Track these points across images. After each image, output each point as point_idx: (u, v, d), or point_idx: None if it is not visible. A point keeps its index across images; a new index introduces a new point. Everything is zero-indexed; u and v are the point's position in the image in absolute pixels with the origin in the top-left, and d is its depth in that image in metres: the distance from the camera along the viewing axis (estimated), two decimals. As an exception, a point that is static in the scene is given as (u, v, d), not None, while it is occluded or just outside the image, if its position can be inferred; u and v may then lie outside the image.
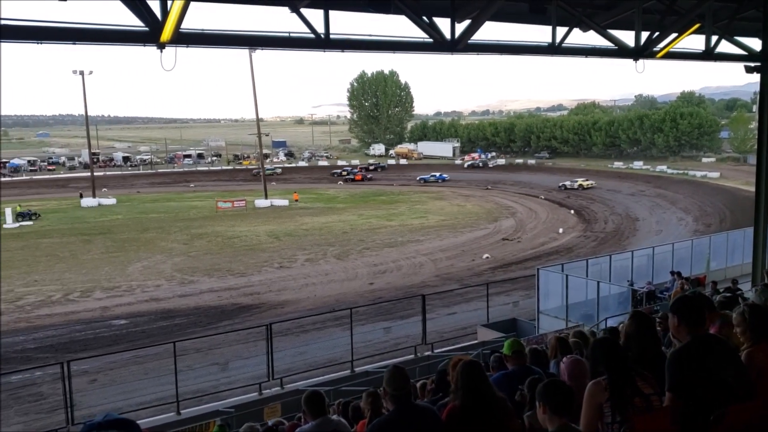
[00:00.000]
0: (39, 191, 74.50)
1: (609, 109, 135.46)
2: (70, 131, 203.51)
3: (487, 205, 59.54)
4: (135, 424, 1.68)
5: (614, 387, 3.52)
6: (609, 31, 12.20)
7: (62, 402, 13.79)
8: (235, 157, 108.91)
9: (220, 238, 44.88)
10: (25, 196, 68.32)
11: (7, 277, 33.70)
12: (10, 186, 79.65)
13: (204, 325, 25.54)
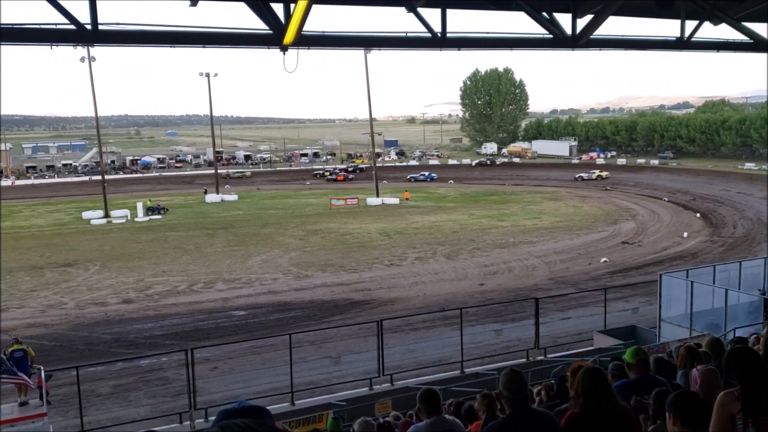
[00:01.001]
0: (167, 187, 79.39)
1: (740, 107, 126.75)
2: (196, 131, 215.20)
3: (606, 207, 57.39)
4: (268, 412, 1.73)
5: (748, 397, 3.30)
6: (743, 23, 11.42)
7: (186, 387, 14.61)
8: (349, 156, 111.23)
9: (333, 234, 45.96)
10: (154, 191, 72.99)
11: (138, 268, 36.15)
12: (141, 182, 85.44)
13: (317, 319, 26.24)
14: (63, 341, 23.78)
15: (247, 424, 1.38)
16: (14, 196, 74.53)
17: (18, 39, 7.28)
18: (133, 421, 15.65)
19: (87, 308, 28.43)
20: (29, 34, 7.31)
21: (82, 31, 7.40)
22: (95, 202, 61.43)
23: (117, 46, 8.38)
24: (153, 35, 8.13)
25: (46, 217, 58.74)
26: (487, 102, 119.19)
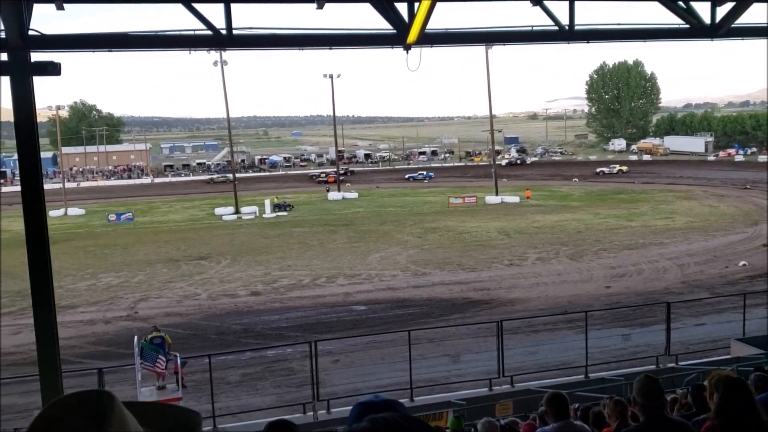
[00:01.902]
0: (293, 185, 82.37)
1: None
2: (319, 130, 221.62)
3: (745, 207, 53.43)
4: (403, 406, 1.73)
5: None
6: None
7: (309, 378, 15.07)
8: (467, 154, 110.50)
9: (451, 232, 45.83)
10: (281, 189, 75.90)
11: (266, 262, 37.75)
12: (269, 180, 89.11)
13: (436, 317, 26.25)
14: (196, 330, 25.25)
15: (396, 419, 1.36)
16: (153, 193, 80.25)
17: (160, 45, 7.79)
18: (259, 409, 16.35)
19: (218, 299, 30.02)
20: (171, 40, 7.79)
21: (218, 36, 7.80)
22: (227, 199, 64.80)
23: (250, 49, 8.79)
24: (283, 38, 8.43)
25: (182, 213, 62.67)
26: (615, 96, 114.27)
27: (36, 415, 1.06)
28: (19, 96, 7.16)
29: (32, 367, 20.50)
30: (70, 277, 33.51)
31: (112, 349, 22.97)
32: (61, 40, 7.18)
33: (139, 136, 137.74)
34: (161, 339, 14.96)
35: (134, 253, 41.59)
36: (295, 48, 8.55)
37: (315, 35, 8.51)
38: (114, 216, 56.16)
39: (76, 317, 26.64)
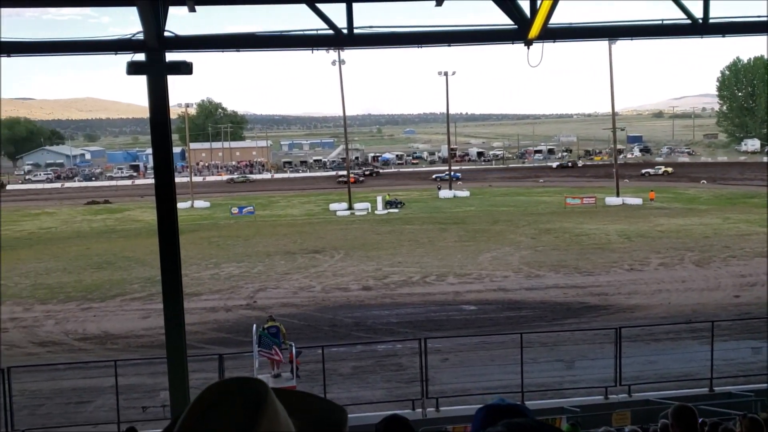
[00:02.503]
0: (404, 182, 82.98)
1: None
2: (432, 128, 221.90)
3: None
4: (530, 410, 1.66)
5: None
6: None
7: (418, 375, 15.12)
8: (586, 153, 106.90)
9: (567, 234, 44.48)
10: (393, 186, 76.67)
11: (377, 257, 38.23)
12: (381, 177, 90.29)
13: (549, 320, 25.56)
14: (310, 321, 25.97)
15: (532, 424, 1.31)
16: (273, 187, 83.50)
17: (285, 45, 8.04)
18: (369, 402, 16.58)
19: (332, 292, 30.73)
20: (295, 40, 8.03)
21: (339, 35, 7.95)
22: (341, 195, 66.28)
23: (370, 48, 8.90)
24: (403, 36, 8.47)
25: (299, 208, 64.73)
26: (749, 93, 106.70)
27: (195, 397, 1.09)
28: (154, 94, 7.63)
29: (159, 349, 21.83)
30: (195, 266, 35.39)
31: (231, 336, 24.04)
32: (194, 40, 7.58)
33: (261, 133, 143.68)
34: (276, 329, 15.49)
35: (254, 245, 43.36)
36: (414, 46, 8.55)
37: (434, 32, 8.49)
38: (236, 209, 58.91)
39: (200, 304, 28.09)
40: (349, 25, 7.86)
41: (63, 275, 36.09)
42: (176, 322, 8.15)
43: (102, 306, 29.38)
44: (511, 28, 8.41)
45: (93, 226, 55.65)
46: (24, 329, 26.17)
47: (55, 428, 16.15)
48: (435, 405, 14.27)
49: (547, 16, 8.17)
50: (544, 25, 8.30)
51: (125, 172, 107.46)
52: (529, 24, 8.26)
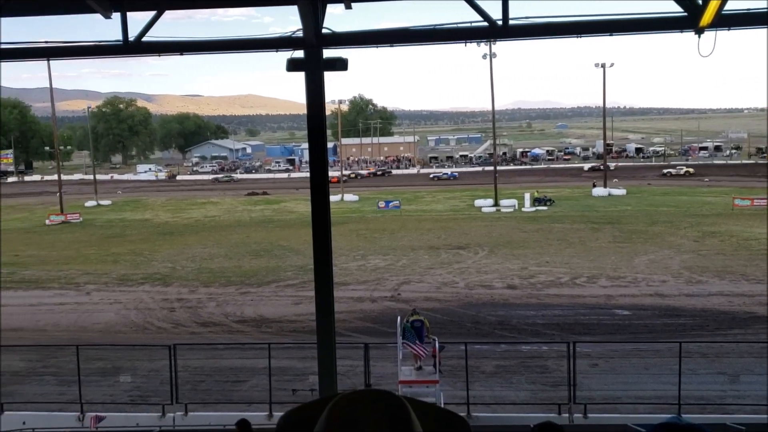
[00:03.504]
0: (554, 179, 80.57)
1: None
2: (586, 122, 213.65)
3: None
4: None
5: None
6: None
7: (565, 379, 14.59)
8: (758, 151, 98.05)
9: (734, 238, 41.05)
10: (542, 183, 74.70)
11: (523, 256, 37.42)
12: (530, 173, 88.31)
13: (711, 330, 23.71)
14: (453, 317, 25.92)
15: None
16: (419, 183, 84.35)
17: (439, 39, 8.00)
18: (513, 403, 16.27)
19: (475, 289, 30.50)
20: (449, 33, 7.97)
21: (493, 27, 7.79)
22: (487, 191, 65.59)
23: (525, 39, 8.64)
24: (560, 26, 8.14)
25: (444, 203, 64.87)
26: None
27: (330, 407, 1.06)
28: (311, 90, 7.89)
29: (309, 335, 22.77)
30: (343, 256, 36.55)
31: (377, 327, 24.57)
32: (350, 37, 7.75)
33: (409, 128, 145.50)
34: (421, 322, 15.57)
35: (399, 239, 44.04)
36: (572, 36, 8.19)
37: (595, 22, 8.08)
38: (383, 203, 60.14)
39: (347, 294, 28.96)
40: (504, 16, 7.68)
41: (224, 261, 38.67)
42: (326, 310, 8.41)
43: (258, 291, 31.15)
44: (680, 15, 7.82)
45: (252, 216, 59.15)
46: (189, 309, 28.34)
47: (214, 404, 17.29)
48: (583, 411, 13.71)
49: (723, 2, 7.51)
50: (719, 11, 7.64)
51: (282, 166, 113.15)
52: (701, 10, 7.63)
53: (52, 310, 28.93)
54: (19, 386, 19.55)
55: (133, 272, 36.16)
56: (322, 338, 8.46)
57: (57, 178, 69.09)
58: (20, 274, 36.49)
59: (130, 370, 19.37)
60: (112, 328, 26.11)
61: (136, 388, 18.71)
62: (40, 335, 25.05)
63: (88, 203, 69.84)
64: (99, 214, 63.31)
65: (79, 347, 18.13)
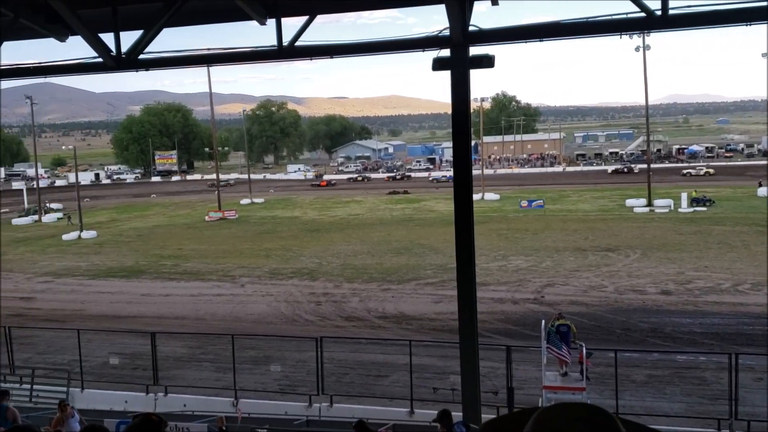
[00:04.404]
0: (714, 178, 75.06)
1: None
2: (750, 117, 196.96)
3: None
4: None
5: None
6: None
7: (725, 393, 13.52)
8: None
9: None
10: (699, 182, 69.75)
11: (678, 260, 35.11)
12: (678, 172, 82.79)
13: None
14: (601, 322, 24.83)
15: None
16: (564, 181, 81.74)
17: (592, 32, 7.65)
18: (666, 415, 15.31)
19: (625, 294, 29.03)
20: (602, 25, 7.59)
21: (651, 17, 7.33)
22: (638, 191, 62.24)
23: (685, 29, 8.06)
24: (726, 14, 7.51)
25: (591, 203, 62.36)
26: None
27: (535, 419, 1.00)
28: (457, 89, 7.84)
29: (449, 334, 22.76)
30: (484, 256, 36.14)
31: (518, 329, 24.09)
32: (498, 33, 7.60)
33: (554, 125, 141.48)
34: (567, 327, 15.02)
35: (543, 239, 42.89)
36: (740, 24, 7.51)
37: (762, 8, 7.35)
38: (525, 202, 58.86)
39: (487, 294, 28.61)
40: (663, 5, 7.19)
41: (367, 258, 39.61)
42: (469, 311, 8.33)
43: (399, 288, 31.60)
44: None
45: (393, 215, 60.15)
46: (334, 304, 29.30)
47: (357, 397, 17.74)
48: (746, 428, 12.62)
49: None
50: None
51: (422, 165, 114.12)
52: None
53: (211, 300, 31.04)
54: (181, 371, 21.16)
55: (283, 267, 37.97)
56: (465, 339, 8.38)
57: (215, 177, 74.04)
58: (183, 266, 39.49)
59: (280, 360, 20.33)
60: (264, 319, 27.57)
61: (285, 378, 19.62)
62: (199, 324, 26.96)
63: (243, 201, 74.25)
64: (253, 212, 67.11)
65: (234, 336, 19.35)
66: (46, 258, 44.96)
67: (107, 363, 20.58)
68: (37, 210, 68.31)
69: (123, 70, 8.71)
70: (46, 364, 21.64)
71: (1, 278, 34.56)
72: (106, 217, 66.05)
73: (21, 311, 30.41)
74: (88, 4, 8.56)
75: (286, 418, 16.07)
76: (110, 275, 37.91)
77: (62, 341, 23.50)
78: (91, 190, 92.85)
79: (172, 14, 8.05)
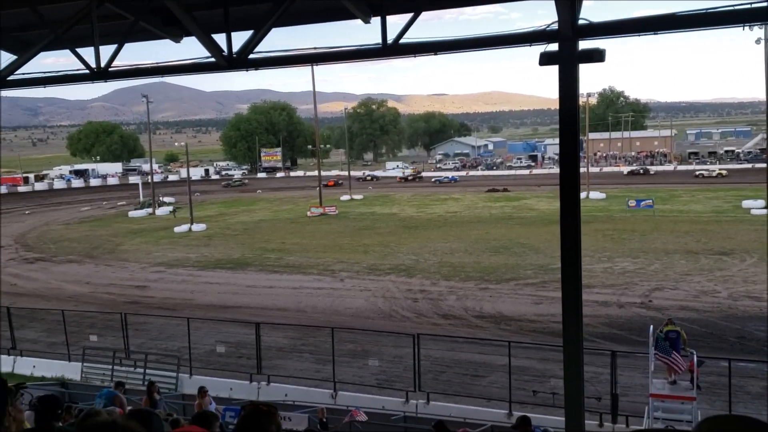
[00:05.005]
0: None
1: None
2: None
3: None
4: None
5: None
6: None
7: None
8: None
9: None
10: None
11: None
12: None
13: None
14: (713, 329, 23.51)
15: None
16: (675, 180, 78.00)
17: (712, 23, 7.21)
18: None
19: (740, 300, 27.36)
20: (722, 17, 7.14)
21: None
22: (757, 191, 58.40)
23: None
24: None
25: (704, 204, 59.13)
26: None
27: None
28: (564, 84, 7.60)
29: (549, 336, 22.25)
30: (588, 257, 34.95)
31: (624, 334, 23.20)
32: (610, 26, 7.31)
33: (665, 121, 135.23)
34: (677, 333, 14.30)
35: (651, 241, 41.07)
36: None
37: None
38: (633, 202, 56.52)
39: (591, 297, 27.70)
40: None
41: (464, 256, 39.32)
42: (574, 313, 8.06)
43: (497, 288, 31.17)
44: None
45: (492, 213, 59.38)
46: (431, 301, 29.29)
47: (454, 396, 17.64)
48: None
49: None
50: None
51: (523, 162, 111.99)
52: None
53: (311, 293, 31.80)
54: (282, 361, 21.81)
55: (381, 262, 38.35)
56: (568, 340, 8.13)
57: (317, 174, 75.78)
58: (286, 259, 40.68)
59: (377, 355, 20.54)
60: (362, 313, 27.95)
61: (382, 372, 19.80)
62: (300, 315, 27.68)
63: (343, 197, 75.60)
64: (352, 208, 68.20)
65: (333, 329, 19.72)
66: (159, 249, 47.52)
67: (214, 351, 21.50)
68: (151, 203, 72.30)
69: (234, 70, 9.03)
70: (158, 350, 22.89)
71: (111, 267, 36.69)
72: (215, 211, 69.03)
73: (136, 299, 32.34)
74: (202, 6, 8.93)
75: (383, 413, 16.21)
76: (218, 266, 39.60)
77: (173, 328, 24.77)
78: (201, 185, 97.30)
79: (281, 14, 8.26)
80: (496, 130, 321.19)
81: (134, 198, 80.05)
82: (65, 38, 9.13)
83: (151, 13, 8.83)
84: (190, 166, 72.46)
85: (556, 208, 8.73)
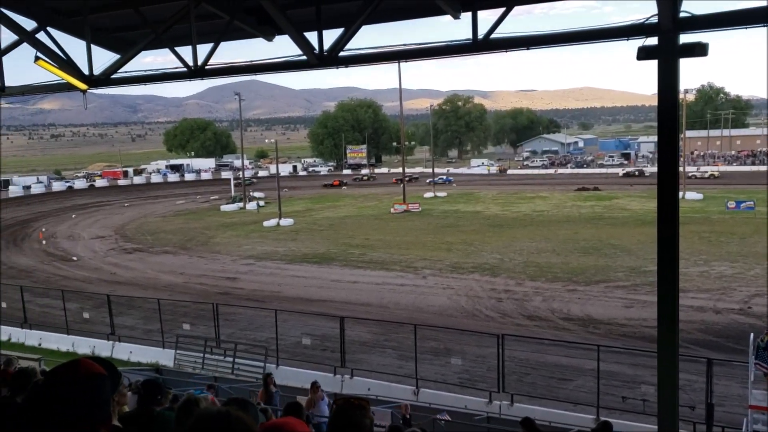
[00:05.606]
0: None
1: None
2: None
3: None
4: None
5: None
6: None
7: None
8: None
9: None
10: None
11: None
12: None
13: None
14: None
15: None
16: None
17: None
18: None
19: None
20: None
21: None
22: None
23: None
24: None
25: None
26: None
27: None
28: (664, 79, 7.27)
29: (640, 341, 21.45)
30: (682, 260, 32.90)
31: (720, 341, 22.12)
32: (713, 18, 6.93)
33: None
34: (781, 342, 13.48)
35: (752, 245, 38.82)
36: None
37: None
38: (733, 203, 53.66)
39: (686, 302, 26.43)
40: None
41: (552, 256, 38.45)
42: (670, 316, 7.71)
43: (586, 289, 30.31)
44: None
45: (581, 212, 57.73)
46: (515, 302, 28.82)
47: (539, 398, 17.30)
48: None
49: None
50: None
51: (616, 161, 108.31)
52: None
53: (394, 290, 31.94)
54: (365, 355, 22.02)
55: (464, 261, 38.06)
56: (663, 345, 7.79)
57: (401, 171, 76.01)
58: (369, 255, 41.04)
59: (460, 354, 20.40)
60: (445, 311, 27.84)
61: (464, 371, 19.66)
62: (383, 311, 27.86)
63: (426, 194, 75.51)
64: (436, 205, 68.00)
65: (416, 326, 19.75)
66: (249, 242, 48.98)
67: (300, 343, 21.97)
68: (242, 198, 74.60)
69: (325, 67, 9.15)
70: (247, 340, 23.61)
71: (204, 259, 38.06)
72: (302, 207, 70.48)
73: (227, 290, 33.47)
74: (294, 4, 9.10)
75: (466, 412, 16.10)
76: (304, 261, 40.42)
77: (261, 320, 25.49)
78: (289, 181, 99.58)
79: (371, 11, 8.30)
80: (587, 126, 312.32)
81: (226, 193, 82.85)
82: (164, 38, 9.51)
83: (246, 13, 9.07)
84: (279, 162, 74.26)
85: (649, 208, 8.41)
